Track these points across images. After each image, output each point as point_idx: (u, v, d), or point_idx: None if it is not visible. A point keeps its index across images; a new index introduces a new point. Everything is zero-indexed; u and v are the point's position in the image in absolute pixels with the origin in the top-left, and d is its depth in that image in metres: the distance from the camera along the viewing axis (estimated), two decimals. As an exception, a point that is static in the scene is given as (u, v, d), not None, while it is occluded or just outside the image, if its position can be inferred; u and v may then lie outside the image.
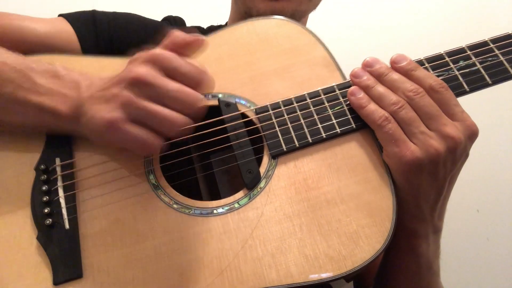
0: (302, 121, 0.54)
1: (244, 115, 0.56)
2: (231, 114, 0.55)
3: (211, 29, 0.86)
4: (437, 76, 0.54)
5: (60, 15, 0.72)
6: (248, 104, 0.57)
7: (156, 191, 0.52)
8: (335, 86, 0.56)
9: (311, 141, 0.53)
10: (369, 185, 0.51)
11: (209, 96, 0.57)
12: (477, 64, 0.56)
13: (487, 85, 0.55)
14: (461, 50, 0.57)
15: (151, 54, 0.47)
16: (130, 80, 0.46)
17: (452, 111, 0.51)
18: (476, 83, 0.55)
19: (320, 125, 0.54)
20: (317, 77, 0.58)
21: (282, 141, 0.53)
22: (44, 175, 0.51)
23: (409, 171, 0.50)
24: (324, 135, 0.54)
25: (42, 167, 0.52)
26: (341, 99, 0.55)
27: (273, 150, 0.53)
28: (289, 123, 0.54)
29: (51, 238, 0.48)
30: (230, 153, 0.54)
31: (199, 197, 0.62)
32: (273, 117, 0.55)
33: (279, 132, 0.54)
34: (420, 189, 0.51)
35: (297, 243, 0.48)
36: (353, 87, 0.54)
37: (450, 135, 0.49)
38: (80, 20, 0.71)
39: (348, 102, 0.54)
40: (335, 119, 0.54)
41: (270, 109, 0.55)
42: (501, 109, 1.15)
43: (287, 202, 0.51)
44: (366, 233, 0.49)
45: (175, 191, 0.52)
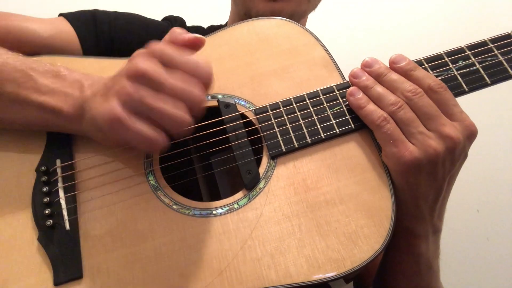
0: (301, 121, 0.54)
1: (243, 116, 0.56)
2: (231, 115, 0.55)
3: (211, 29, 0.86)
4: (436, 76, 0.54)
5: (61, 14, 0.72)
6: (248, 105, 0.57)
7: (156, 192, 0.52)
8: (334, 87, 0.56)
9: (310, 142, 0.53)
10: (368, 185, 0.51)
11: (209, 97, 0.58)
12: (476, 64, 0.56)
13: (486, 85, 0.55)
14: (460, 50, 0.57)
15: (152, 49, 0.47)
16: (131, 74, 0.45)
17: (451, 111, 0.51)
18: (475, 83, 0.55)
19: (319, 126, 0.54)
20: (316, 78, 0.58)
21: (281, 142, 0.54)
22: (45, 176, 0.52)
23: (408, 171, 0.50)
24: (323, 135, 0.54)
25: (43, 168, 0.52)
26: (340, 100, 0.55)
27: (272, 150, 0.53)
28: (288, 123, 0.54)
29: (51, 239, 0.49)
30: (230, 154, 0.54)
31: (199, 198, 0.62)
32: (272, 118, 0.55)
33: (278, 133, 0.54)
34: (419, 189, 0.51)
35: (296, 243, 0.48)
36: (352, 88, 0.55)
37: (449, 135, 0.49)
38: (81, 20, 0.71)
39: (347, 103, 0.55)
40: (334, 120, 0.54)
41: (269, 110, 0.55)
42: (500, 109, 1.15)
43: (286, 203, 0.51)
44: (365, 233, 0.49)
45: (175, 192, 0.52)
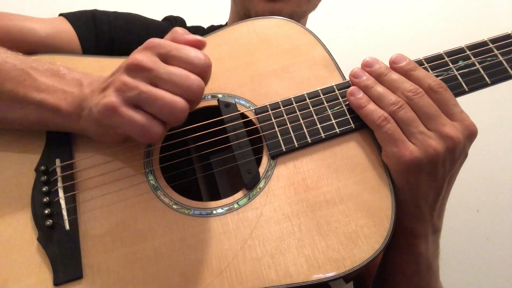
0: (302, 121, 0.54)
1: (243, 116, 0.56)
2: (231, 115, 0.55)
3: (211, 29, 0.86)
4: (436, 76, 0.54)
5: (61, 14, 0.72)
6: (248, 104, 0.57)
7: (156, 191, 0.52)
8: (335, 86, 0.56)
9: (310, 141, 0.53)
10: (368, 185, 0.51)
11: (209, 96, 0.58)
12: (476, 64, 0.56)
13: (486, 85, 0.55)
14: (460, 50, 0.57)
15: (149, 42, 0.48)
16: (127, 65, 0.46)
17: (451, 111, 0.51)
18: (475, 83, 0.55)
19: (319, 125, 0.54)
20: (316, 77, 0.58)
21: (282, 142, 0.53)
22: (44, 176, 0.51)
23: (408, 171, 0.50)
24: (323, 135, 0.54)
25: (42, 168, 0.52)
26: (340, 99, 0.55)
27: (273, 150, 0.53)
28: (288, 123, 0.54)
29: (51, 239, 0.48)
30: (230, 154, 0.54)
31: (199, 198, 0.62)
32: (272, 118, 0.55)
33: (278, 133, 0.54)
34: (419, 189, 0.51)
35: (296, 243, 0.48)
36: (352, 87, 0.54)
37: (449, 135, 0.49)
38: (81, 20, 0.71)
39: (347, 102, 0.55)
40: (334, 119, 0.54)
41: (269, 109, 0.55)
42: (500, 109, 1.15)
43: (286, 202, 0.51)
44: (365, 233, 0.49)
45: (174, 192, 0.52)
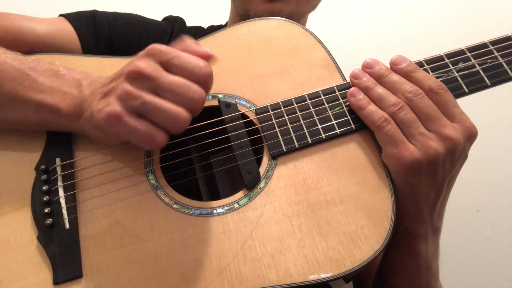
0: (302, 122, 0.54)
1: (244, 116, 0.56)
2: (231, 115, 0.55)
3: (211, 29, 0.86)
4: (437, 78, 0.54)
5: (61, 15, 0.72)
6: (248, 105, 0.57)
7: (156, 191, 0.52)
8: (335, 87, 0.56)
9: (310, 142, 0.53)
10: (368, 185, 0.51)
11: (209, 96, 0.58)
12: (477, 65, 0.56)
13: (486, 87, 0.55)
14: (460, 52, 0.57)
15: (151, 48, 0.47)
16: (129, 73, 0.46)
17: (451, 112, 0.51)
18: (475, 85, 0.55)
19: (319, 126, 0.54)
20: (316, 78, 0.58)
21: (282, 142, 0.54)
22: (45, 175, 0.52)
23: (408, 172, 0.50)
24: (323, 136, 0.54)
25: (43, 167, 0.52)
26: (341, 100, 0.55)
27: (273, 150, 0.53)
28: (289, 123, 0.55)
29: (51, 238, 0.48)
30: (230, 154, 0.54)
31: (199, 198, 0.62)
32: (273, 118, 0.55)
33: (279, 133, 0.54)
34: (419, 189, 0.51)
35: (296, 243, 0.48)
36: (352, 88, 0.55)
37: (449, 136, 0.49)
38: (81, 20, 0.71)
39: (348, 103, 0.55)
40: (335, 120, 0.54)
41: (270, 110, 0.55)
42: (500, 109, 1.16)
43: (287, 203, 0.51)
44: (365, 233, 0.49)
45: (175, 191, 0.52)
